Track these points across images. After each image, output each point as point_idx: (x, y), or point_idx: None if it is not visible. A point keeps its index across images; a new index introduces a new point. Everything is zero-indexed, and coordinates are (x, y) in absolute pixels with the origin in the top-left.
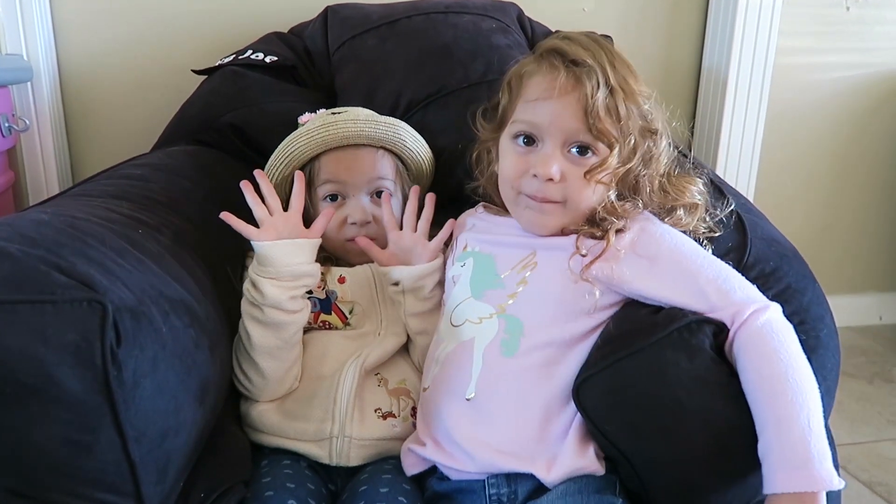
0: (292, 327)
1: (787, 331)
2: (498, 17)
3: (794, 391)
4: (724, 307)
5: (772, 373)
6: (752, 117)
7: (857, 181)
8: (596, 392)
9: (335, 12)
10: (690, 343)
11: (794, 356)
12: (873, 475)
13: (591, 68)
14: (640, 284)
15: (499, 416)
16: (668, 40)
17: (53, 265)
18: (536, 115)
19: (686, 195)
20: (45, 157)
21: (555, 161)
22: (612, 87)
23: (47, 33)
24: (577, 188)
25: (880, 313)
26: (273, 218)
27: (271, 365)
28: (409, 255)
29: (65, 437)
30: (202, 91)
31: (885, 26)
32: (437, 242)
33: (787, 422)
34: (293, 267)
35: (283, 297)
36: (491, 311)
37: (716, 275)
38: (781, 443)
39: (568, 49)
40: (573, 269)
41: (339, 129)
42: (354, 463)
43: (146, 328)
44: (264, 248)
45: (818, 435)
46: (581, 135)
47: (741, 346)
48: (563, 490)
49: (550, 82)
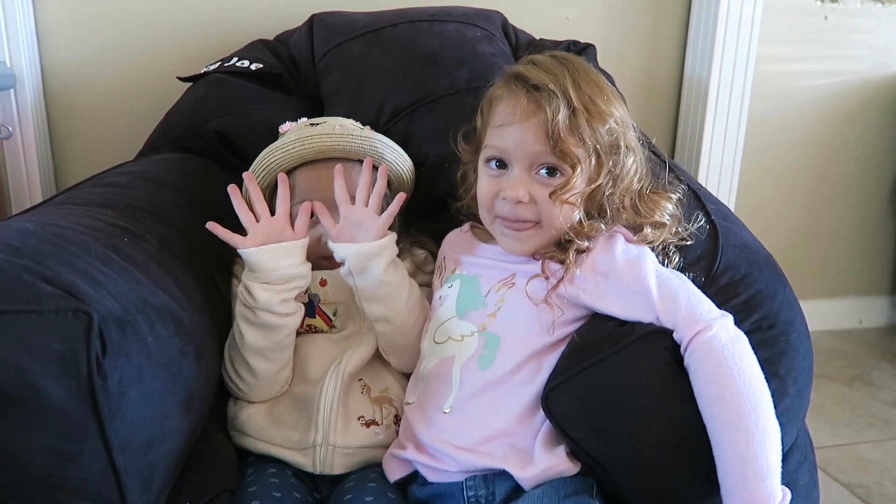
0: (284, 330)
1: (731, 348)
2: (482, 26)
3: (730, 414)
4: (673, 326)
5: (709, 395)
6: (733, 124)
7: (837, 186)
8: (564, 400)
9: (321, 20)
10: (654, 351)
11: (733, 376)
12: (853, 477)
13: (551, 92)
14: (598, 301)
15: (473, 424)
16: (651, 48)
17: (38, 275)
18: (503, 139)
19: (655, 214)
20: (28, 164)
21: (522, 184)
22: (574, 108)
23: (31, 40)
24: (546, 209)
25: (860, 317)
26: (260, 224)
27: (263, 365)
28: (357, 231)
29: (49, 447)
30: (187, 98)
31: (862, 35)
32: (386, 217)
33: (725, 445)
34: (282, 270)
35: (275, 300)
36: (473, 329)
37: (665, 293)
38: (722, 469)
39: (529, 74)
40: (532, 294)
41: (315, 143)
42: (338, 471)
43: (132, 337)
44: (251, 254)
45: (754, 457)
46: (545, 157)
47: (687, 367)
48: (540, 493)
49: (513, 108)
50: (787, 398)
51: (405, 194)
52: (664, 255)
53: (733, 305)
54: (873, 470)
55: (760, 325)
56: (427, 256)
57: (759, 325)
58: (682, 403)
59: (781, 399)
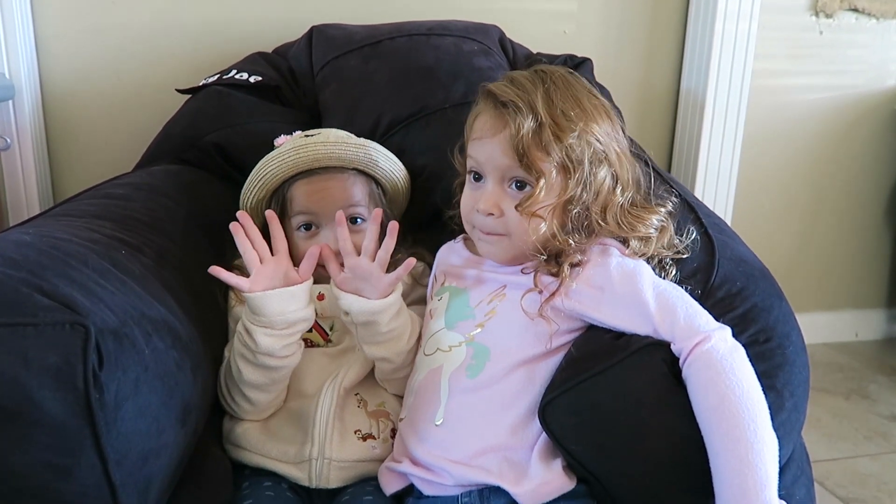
0: (283, 370)
1: (730, 358)
2: (479, 40)
3: (728, 423)
4: (671, 338)
5: (707, 405)
6: (729, 138)
7: (833, 200)
8: (560, 413)
9: (320, 32)
10: (650, 364)
11: (731, 386)
12: (850, 491)
13: (516, 108)
14: (594, 314)
15: (466, 436)
16: (648, 63)
17: (36, 287)
18: (477, 153)
19: (640, 228)
20: (25, 175)
21: (492, 196)
22: (541, 122)
23: (30, 51)
24: (515, 221)
25: (856, 330)
26: (263, 266)
27: (259, 396)
28: (362, 284)
29: (45, 461)
30: (186, 110)
31: (856, 50)
32: (393, 279)
33: (723, 456)
34: (287, 315)
35: (277, 346)
36: (460, 340)
37: (663, 305)
38: (720, 479)
39: (498, 91)
40: (527, 308)
41: (310, 151)
42: (334, 485)
43: (128, 350)
44: (257, 299)
45: (752, 467)
46: (514, 170)
47: (685, 378)
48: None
49: (484, 123)
50: (784, 412)
51: (398, 224)
52: (660, 268)
53: (730, 319)
54: (871, 484)
55: (757, 339)
56: (424, 269)
57: (755, 338)
58: (678, 416)
59: (778, 412)
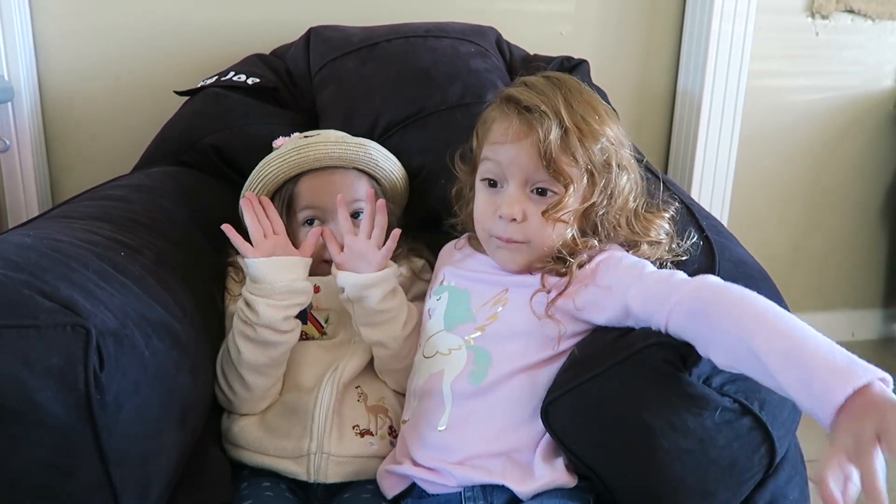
0: (283, 347)
1: (726, 282)
2: (477, 42)
3: (765, 313)
4: (668, 292)
5: (729, 312)
6: (725, 139)
7: (829, 200)
8: (563, 413)
9: (318, 34)
10: (652, 364)
11: (740, 292)
12: None
13: (542, 113)
14: (601, 314)
15: (470, 440)
16: (644, 64)
17: (37, 289)
18: (498, 158)
19: (651, 232)
20: (24, 177)
21: (517, 202)
22: (566, 128)
23: (29, 53)
24: (537, 228)
25: (853, 330)
26: (267, 239)
27: (258, 380)
28: (359, 262)
29: (46, 461)
30: (184, 112)
31: (852, 51)
32: (385, 251)
33: (796, 341)
34: (287, 283)
35: (278, 317)
36: (460, 343)
37: (660, 272)
38: (806, 360)
39: (521, 96)
40: (535, 308)
41: (311, 151)
42: (332, 480)
43: (129, 352)
44: (258, 264)
45: (819, 337)
46: (539, 176)
47: (690, 313)
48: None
49: (507, 128)
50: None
51: (400, 230)
52: None
53: None
54: None
55: None
56: (424, 265)
57: None
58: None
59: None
